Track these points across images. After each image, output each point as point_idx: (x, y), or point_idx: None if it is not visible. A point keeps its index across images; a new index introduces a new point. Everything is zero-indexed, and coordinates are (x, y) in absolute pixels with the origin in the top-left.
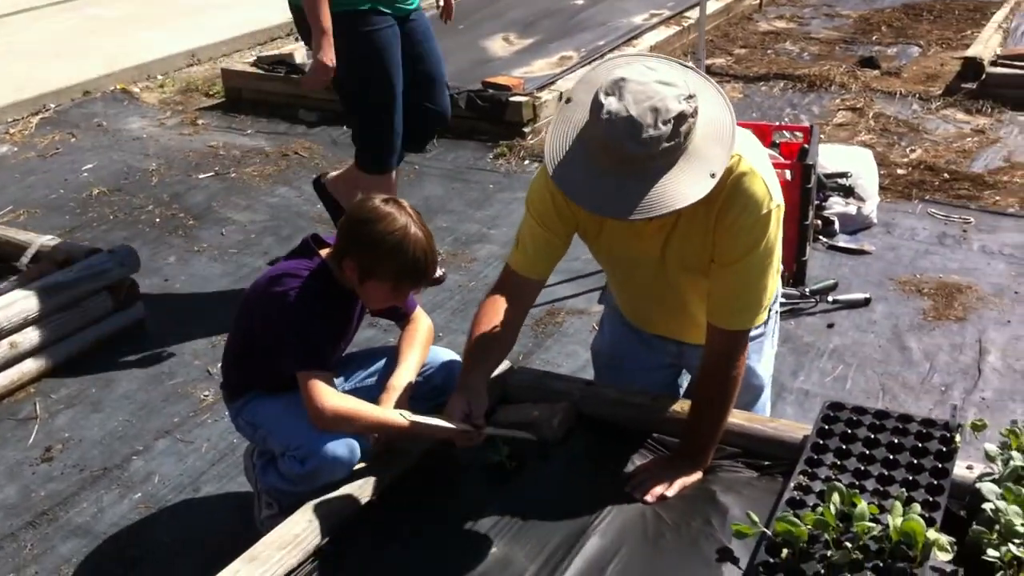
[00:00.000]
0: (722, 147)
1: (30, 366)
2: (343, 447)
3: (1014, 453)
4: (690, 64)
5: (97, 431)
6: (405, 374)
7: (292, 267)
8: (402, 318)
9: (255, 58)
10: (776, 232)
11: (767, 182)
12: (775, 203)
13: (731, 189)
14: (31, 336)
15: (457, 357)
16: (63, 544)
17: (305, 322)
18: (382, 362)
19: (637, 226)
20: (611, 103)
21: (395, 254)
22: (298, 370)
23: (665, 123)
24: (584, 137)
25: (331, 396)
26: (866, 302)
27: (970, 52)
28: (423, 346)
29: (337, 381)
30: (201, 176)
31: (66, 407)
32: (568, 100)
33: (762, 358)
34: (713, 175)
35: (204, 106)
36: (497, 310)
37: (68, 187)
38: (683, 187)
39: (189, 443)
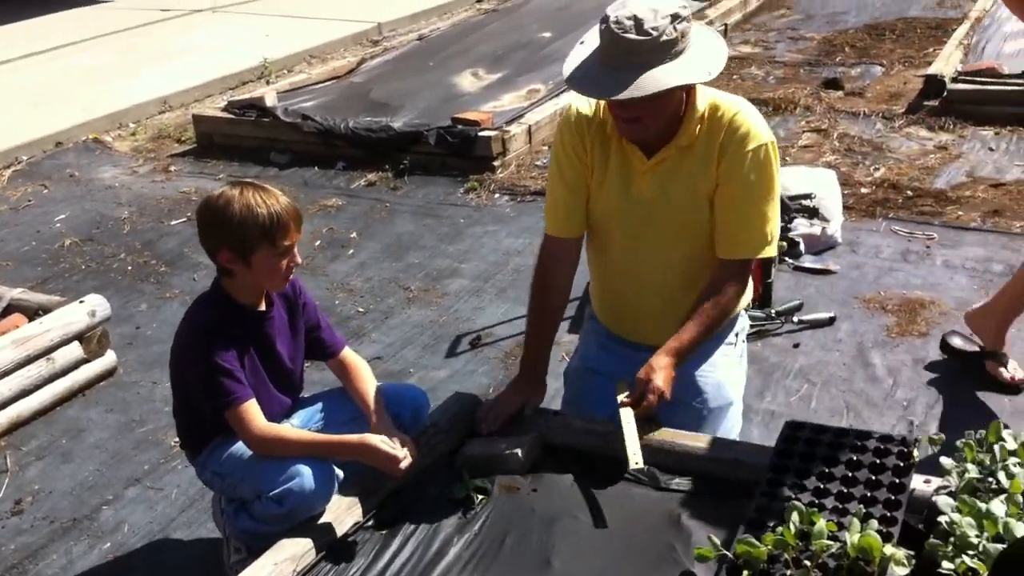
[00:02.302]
0: (717, 57)
1: (1, 419)
2: (319, 481)
3: (969, 465)
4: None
5: (67, 482)
6: (383, 419)
7: (192, 305)
8: (330, 356)
9: (226, 103)
10: (774, 166)
11: (762, 120)
12: (771, 139)
13: (731, 124)
14: (2, 389)
15: (421, 394)
16: None
17: (205, 354)
18: (319, 405)
19: (635, 162)
20: (616, 11)
21: (248, 216)
22: (218, 411)
23: (664, 18)
24: (592, 52)
25: (256, 420)
26: (831, 321)
27: (931, 70)
28: (375, 384)
29: (285, 426)
30: (173, 222)
31: (37, 459)
32: (582, 42)
33: (731, 373)
34: (710, 72)
35: (176, 152)
36: (546, 278)
37: (40, 239)
38: (681, 71)
39: (159, 490)
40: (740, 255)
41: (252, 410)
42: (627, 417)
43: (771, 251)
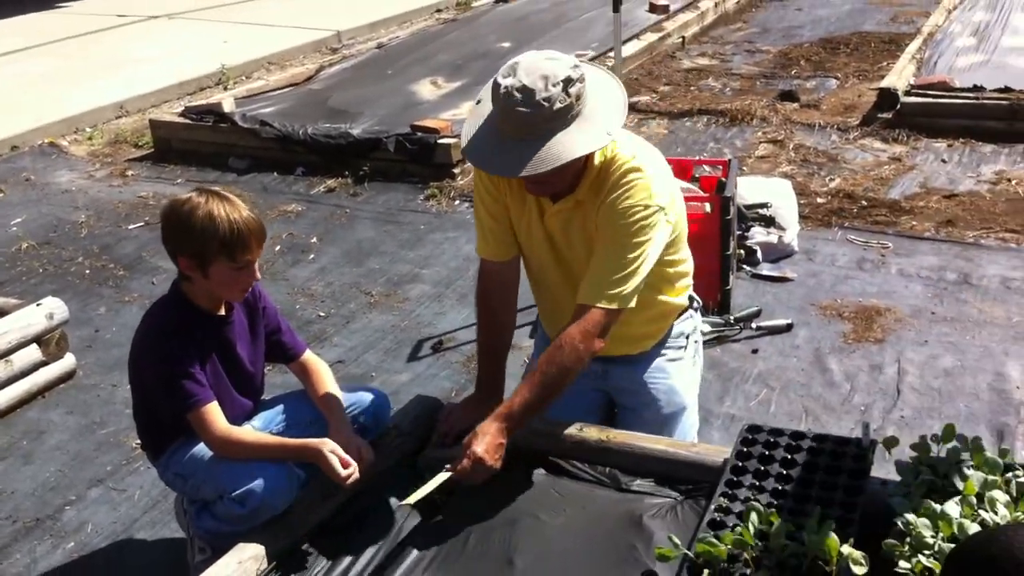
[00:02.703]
0: (616, 113)
1: None
2: (281, 481)
3: (923, 468)
4: (584, 57)
5: (29, 483)
6: (346, 427)
7: (151, 308)
8: (291, 359)
9: (183, 108)
10: (653, 232)
11: (657, 184)
12: (658, 204)
13: (619, 177)
14: None
15: (382, 397)
16: None
17: (165, 356)
18: (280, 407)
19: (544, 203)
20: (507, 80)
21: (208, 228)
22: (179, 413)
23: (555, 85)
24: (490, 116)
25: (217, 422)
26: (789, 327)
27: (885, 83)
28: (335, 387)
29: (247, 428)
30: (131, 227)
31: None
32: (479, 101)
33: (683, 378)
34: (609, 133)
35: (133, 157)
36: (488, 303)
37: None
38: (578, 141)
39: (122, 491)
40: (589, 301)
41: (213, 412)
42: (441, 476)
43: (623, 304)
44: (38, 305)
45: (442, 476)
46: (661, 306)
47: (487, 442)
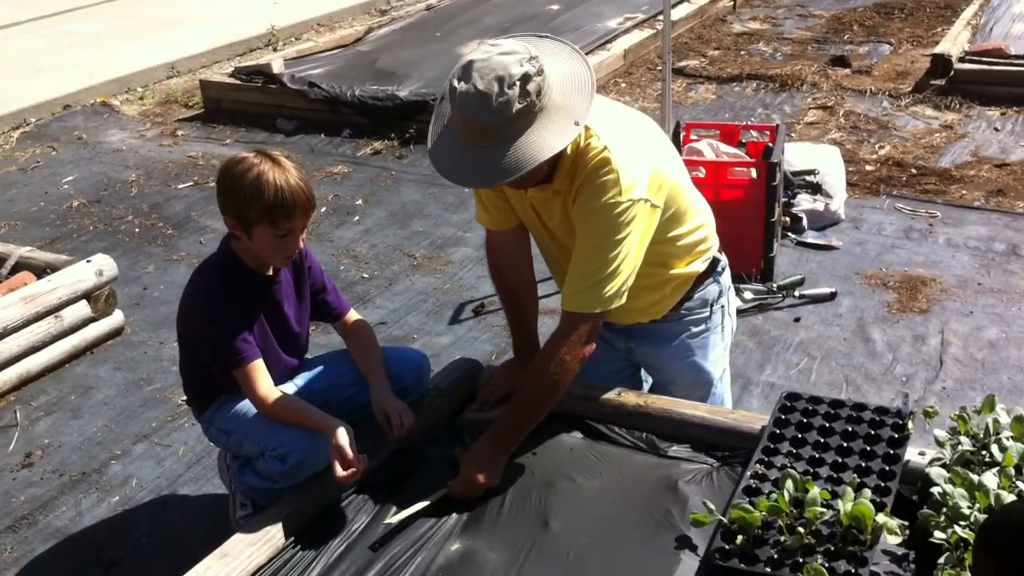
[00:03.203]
0: (582, 96)
1: (10, 374)
2: (322, 438)
3: (962, 438)
4: (545, 33)
5: (76, 437)
6: (385, 390)
7: (202, 265)
8: (336, 318)
9: (233, 69)
10: (632, 227)
11: (627, 174)
12: (631, 197)
13: (589, 172)
14: (11, 345)
15: (424, 358)
16: (42, 547)
17: (214, 313)
18: (323, 367)
19: (525, 195)
20: (461, 85)
21: (255, 192)
22: (226, 370)
23: (511, 87)
24: (450, 122)
25: (262, 381)
26: (832, 296)
27: (938, 49)
28: (378, 348)
29: (290, 386)
30: (180, 186)
31: (46, 414)
32: (442, 98)
33: (709, 353)
34: (577, 123)
35: (183, 117)
36: (499, 274)
37: (49, 199)
38: (545, 140)
39: (167, 447)
40: (571, 307)
41: (258, 369)
42: (431, 497)
43: (606, 307)
44: (88, 262)
45: (432, 497)
46: (673, 280)
47: (480, 461)
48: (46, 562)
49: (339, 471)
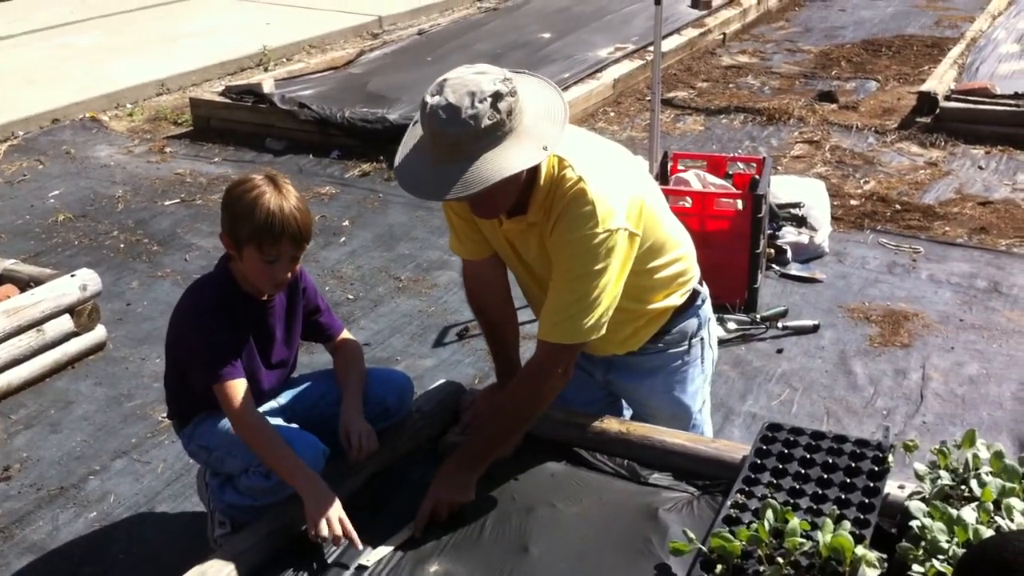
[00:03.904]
0: (554, 124)
1: None
2: (308, 452)
3: (942, 472)
4: (523, 70)
5: (55, 451)
6: (355, 412)
7: (199, 282)
8: (328, 339)
9: (224, 87)
10: (611, 258)
11: (604, 204)
12: (608, 227)
13: (567, 203)
14: None
15: (407, 380)
16: (18, 561)
17: (204, 332)
18: (308, 385)
19: (499, 228)
20: (433, 99)
21: (249, 212)
22: (208, 383)
23: (481, 102)
24: (422, 139)
25: (243, 402)
26: (815, 328)
27: (925, 87)
28: (360, 367)
29: (274, 404)
30: (167, 203)
31: (25, 427)
32: (415, 122)
33: (688, 387)
34: (546, 148)
35: (172, 134)
36: (477, 303)
37: (34, 213)
38: (510, 159)
39: (146, 463)
40: (547, 337)
41: (240, 388)
42: (402, 534)
43: (585, 338)
44: (72, 276)
45: (403, 535)
46: (648, 313)
47: (449, 481)
48: None
49: (323, 531)
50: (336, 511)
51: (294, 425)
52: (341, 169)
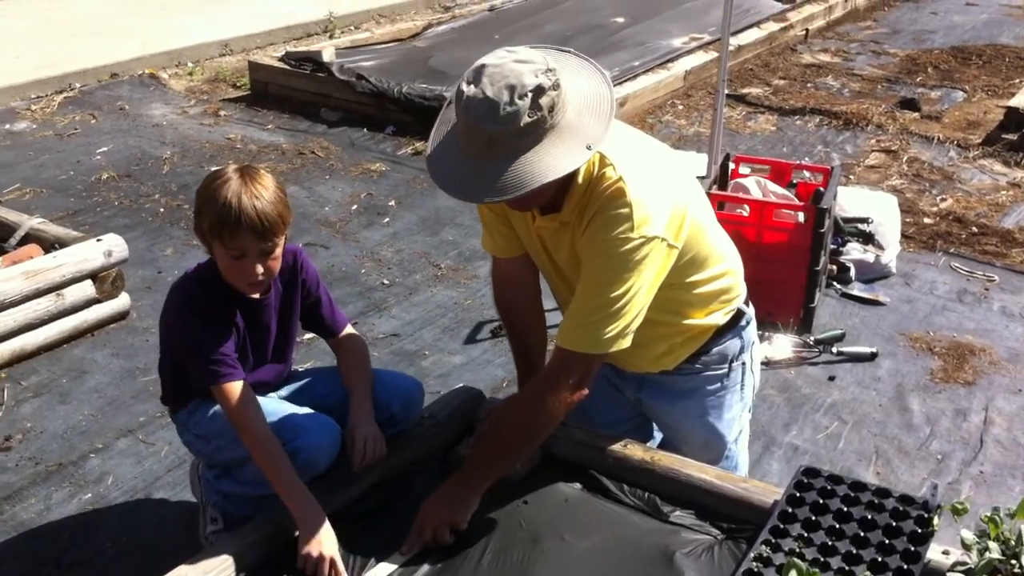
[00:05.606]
0: (599, 119)
1: (3, 350)
2: (325, 435)
3: (991, 543)
4: (569, 48)
5: (60, 424)
6: (364, 415)
7: (186, 273)
8: (329, 335)
9: (284, 53)
10: (643, 267)
11: (642, 209)
12: (644, 234)
13: (602, 204)
14: (7, 320)
15: (417, 386)
16: (1, 537)
17: (191, 329)
18: (309, 381)
19: (532, 224)
20: (469, 89)
21: (210, 203)
22: (205, 384)
23: (521, 98)
24: (454, 128)
25: (242, 403)
26: (872, 356)
27: (1014, 102)
28: (368, 369)
29: (273, 398)
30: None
31: (34, 395)
32: (449, 103)
33: (724, 413)
34: (589, 147)
35: (229, 97)
36: (506, 304)
37: (79, 169)
38: (551, 160)
39: (150, 445)
40: (568, 345)
41: (240, 392)
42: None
43: (605, 348)
44: (98, 241)
45: (395, 559)
46: (687, 330)
47: (441, 499)
48: (2, 556)
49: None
50: (330, 547)
51: (307, 409)
52: (394, 145)
